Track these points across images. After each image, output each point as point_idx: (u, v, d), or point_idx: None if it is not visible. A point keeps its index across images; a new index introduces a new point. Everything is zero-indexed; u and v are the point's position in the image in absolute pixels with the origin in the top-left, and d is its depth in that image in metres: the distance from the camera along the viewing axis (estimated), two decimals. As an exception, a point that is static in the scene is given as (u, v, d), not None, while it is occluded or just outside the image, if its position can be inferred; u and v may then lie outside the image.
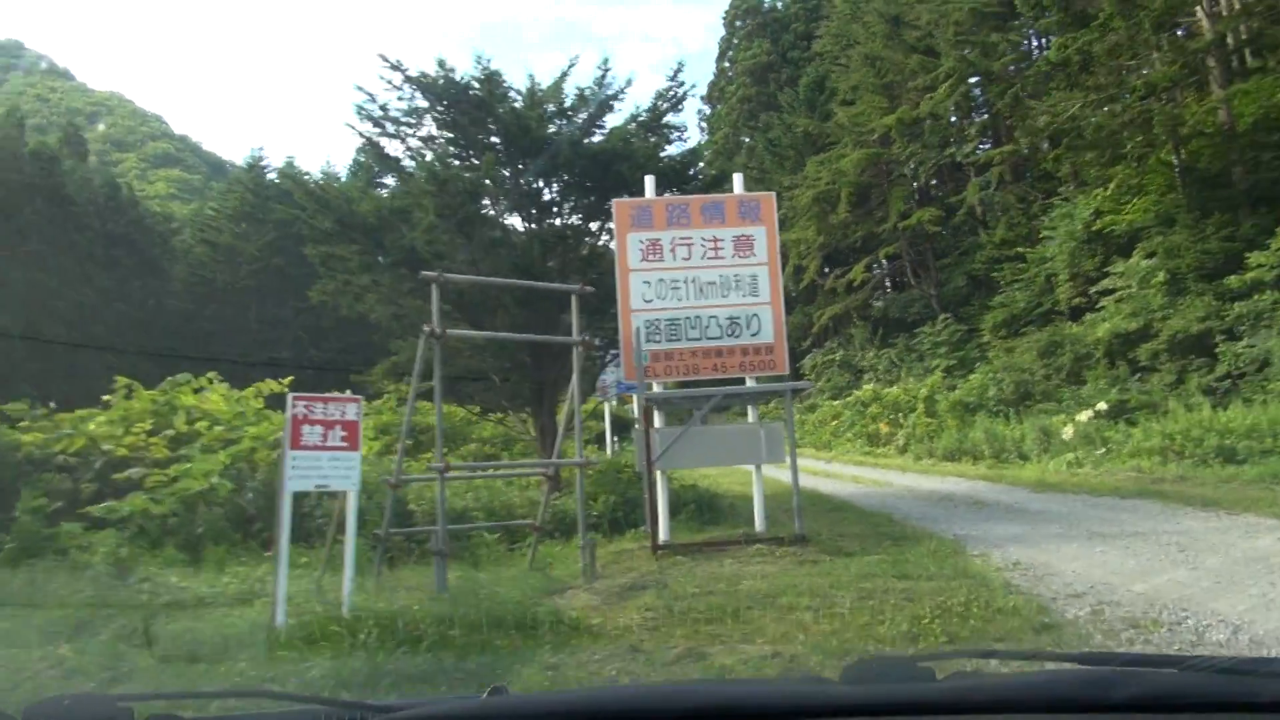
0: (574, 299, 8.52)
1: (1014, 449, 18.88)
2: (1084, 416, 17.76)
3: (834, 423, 30.90)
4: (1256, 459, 12.59)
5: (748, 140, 49.01)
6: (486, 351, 13.64)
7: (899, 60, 35.70)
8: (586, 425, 32.08)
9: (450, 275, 8.15)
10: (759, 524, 9.78)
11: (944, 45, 33.62)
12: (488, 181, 11.99)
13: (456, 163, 12.46)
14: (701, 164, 13.29)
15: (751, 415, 10.20)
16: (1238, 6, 25.06)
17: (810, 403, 36.78)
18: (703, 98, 55.97)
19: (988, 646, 5.01)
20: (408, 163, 12.98)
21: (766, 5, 52.04)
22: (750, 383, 9.91)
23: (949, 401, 25.09)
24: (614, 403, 24.67)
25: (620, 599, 7.06)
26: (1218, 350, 19.42)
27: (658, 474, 9.62)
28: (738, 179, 10.37)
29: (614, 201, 10.12)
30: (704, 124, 58.39)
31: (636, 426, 10.46)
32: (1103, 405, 17.93)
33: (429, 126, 12.84)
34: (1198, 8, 23.91)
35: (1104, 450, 16.00)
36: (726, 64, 54.51)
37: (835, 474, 19.38)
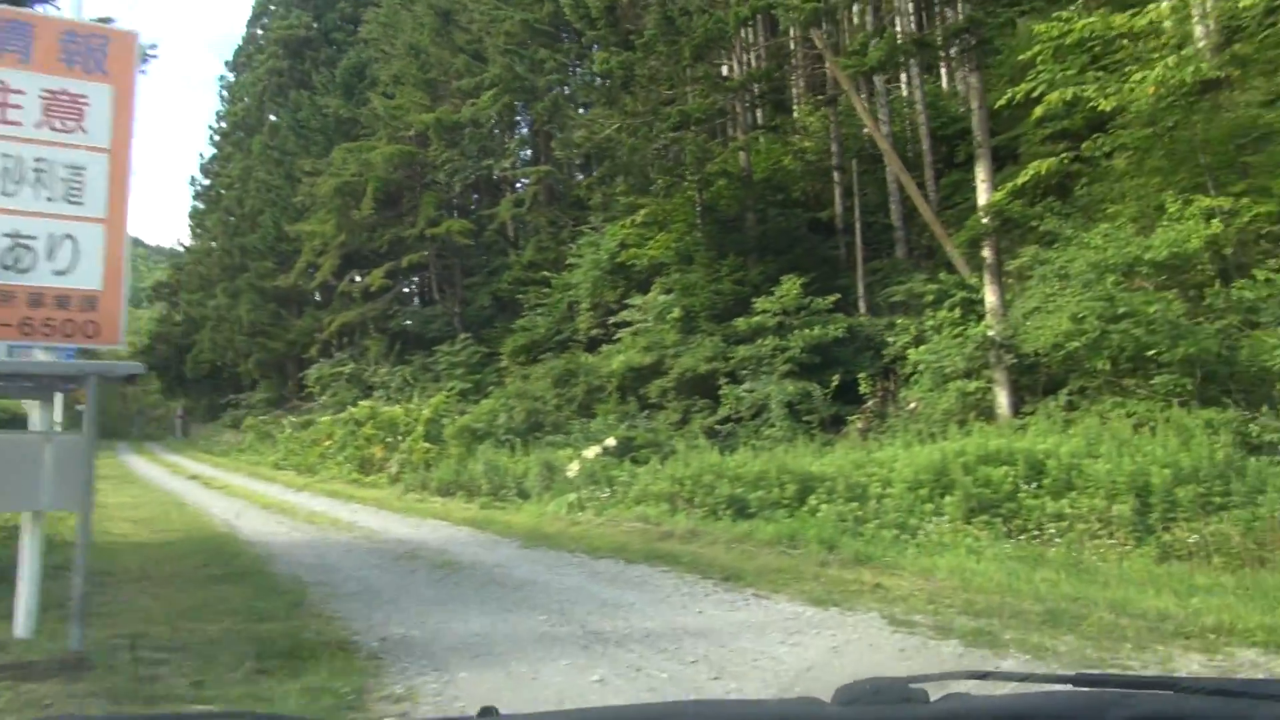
0: None
1: (515, 485, 16.07)
2: (591, 453, 15.50)
3: (328, 442, 26.24)
4: (768, 512, 10.86)
5: (273, 117, 42.62)
6: None
7: (445, 58, 32.65)
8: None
9: None
10: (21, 625, 5.19)
11: (493, 52, 31.27)
12: None
13: None
14: None
15: (40, 420, 5.58)
16: (756, 66, 25.82)
17: (306, 417, 31.59)
18: (227, 63, 48.13)
19: (981, 669, 4.46)
20: None
21: (313, -23, 46.34)
22: (42, 357, 5.34)
23: (456, 427, 21.96)
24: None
25: None
26: (720, 392, 18.60)
27: None
28: (68, -9, 5.84)
29: None
30: (224, 91, 50.43)
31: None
32: (611, 441, 15.85)
33: None
34: (730, 56, 24.00)
35: (610, 492, 13.69)
36: (260, 30, 47.51)
37: (293, 509, 14.94)
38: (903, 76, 26.74)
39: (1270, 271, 12.05)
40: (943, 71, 26.74)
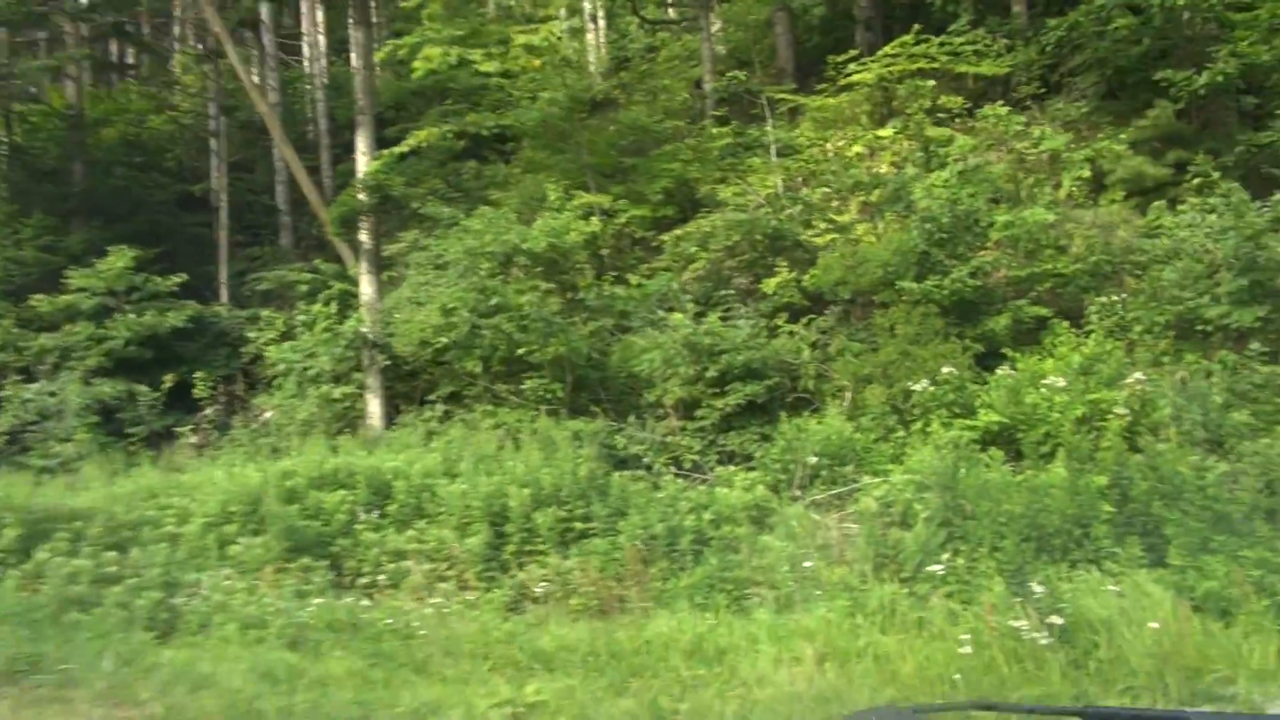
0: None
1: None
2: None
3: None
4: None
5: None
6: None
7: None
8: None
9: None
10: None
11: None
12: None
13: None
14: None
15: None
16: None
17: None
18: None
19: (987, 699, 3.97)
20: None
21: None
22: None
23: None
24: None
25: None
26: (4, 394, 13.16)
27: None
28: None
29: None
30: None
31: None
32: None
33: None
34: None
35: None
36: None
37: None
38: (306, 50, 23.33)
39: (642, 276, 11.23)
40: (353, 56, 23.94)
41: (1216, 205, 8.22)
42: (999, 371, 8.02)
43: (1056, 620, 4.43)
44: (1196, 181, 8.83)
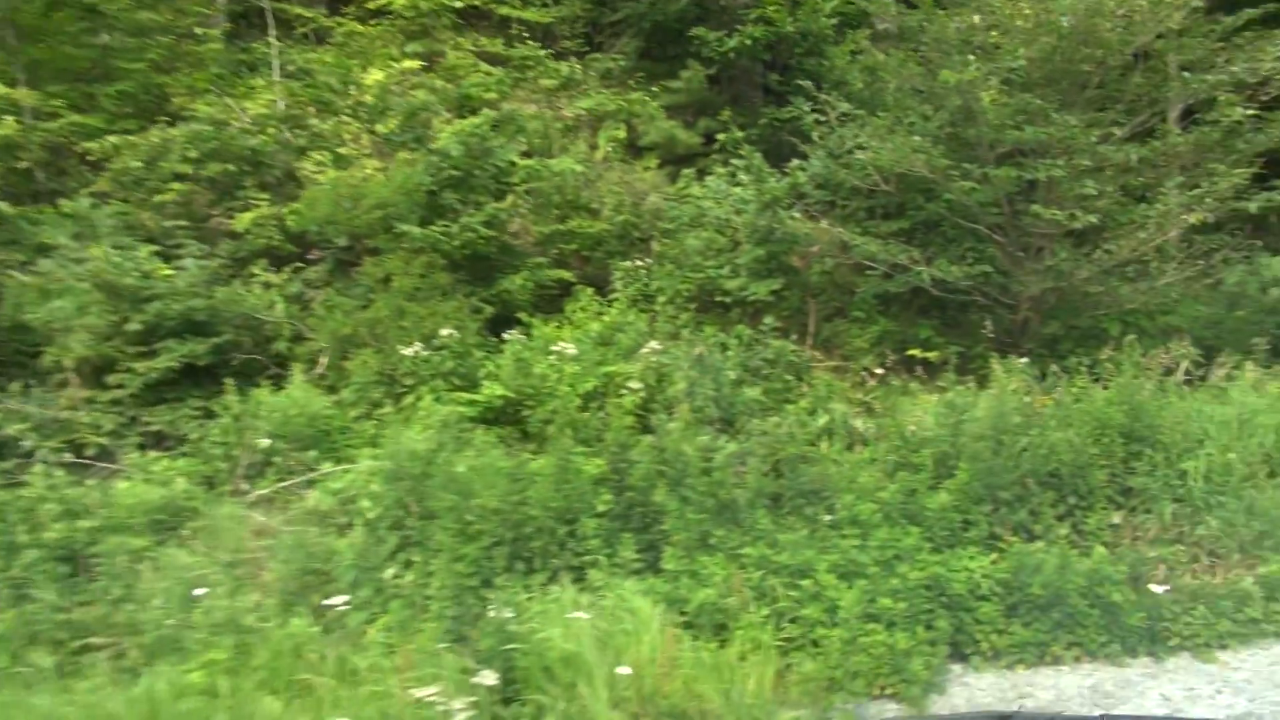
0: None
1: None
2: None
3: None
4: None
5: None
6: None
7: None
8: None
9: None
10: None
11: None
12: None
13: None
14: None
15: None
16: None
17: None
18: None
19: (1004, 710, 3.95)
20: None
21: None
22: None
23: None
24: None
25: None
26: None
27: None
28: None
29: None
30: None
31: None
32: None
33: None
34: None
35: None
36: None
37: None
38: None
39: (89, 200, 8.26)
40: None
41: (739, 172, 7.68)
42: (508, 336, 6.65)
43: (488, 679, 2.94)
44: (724, 138, 8.32)
